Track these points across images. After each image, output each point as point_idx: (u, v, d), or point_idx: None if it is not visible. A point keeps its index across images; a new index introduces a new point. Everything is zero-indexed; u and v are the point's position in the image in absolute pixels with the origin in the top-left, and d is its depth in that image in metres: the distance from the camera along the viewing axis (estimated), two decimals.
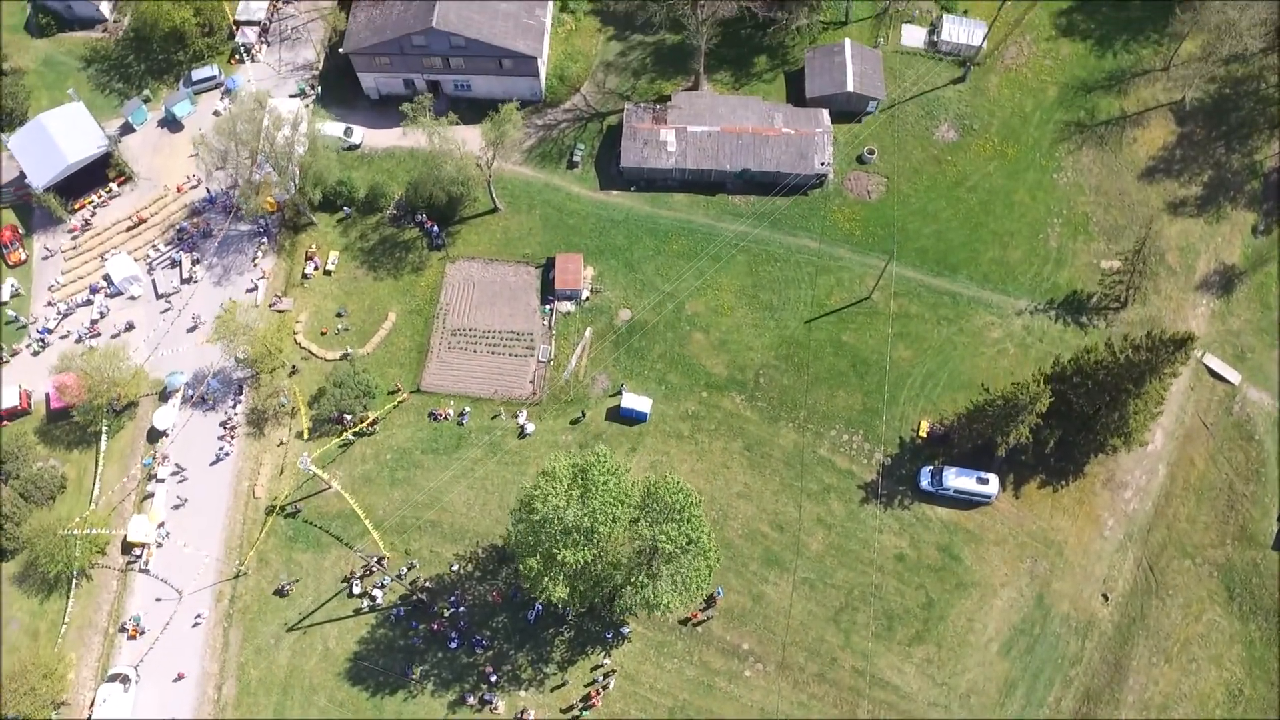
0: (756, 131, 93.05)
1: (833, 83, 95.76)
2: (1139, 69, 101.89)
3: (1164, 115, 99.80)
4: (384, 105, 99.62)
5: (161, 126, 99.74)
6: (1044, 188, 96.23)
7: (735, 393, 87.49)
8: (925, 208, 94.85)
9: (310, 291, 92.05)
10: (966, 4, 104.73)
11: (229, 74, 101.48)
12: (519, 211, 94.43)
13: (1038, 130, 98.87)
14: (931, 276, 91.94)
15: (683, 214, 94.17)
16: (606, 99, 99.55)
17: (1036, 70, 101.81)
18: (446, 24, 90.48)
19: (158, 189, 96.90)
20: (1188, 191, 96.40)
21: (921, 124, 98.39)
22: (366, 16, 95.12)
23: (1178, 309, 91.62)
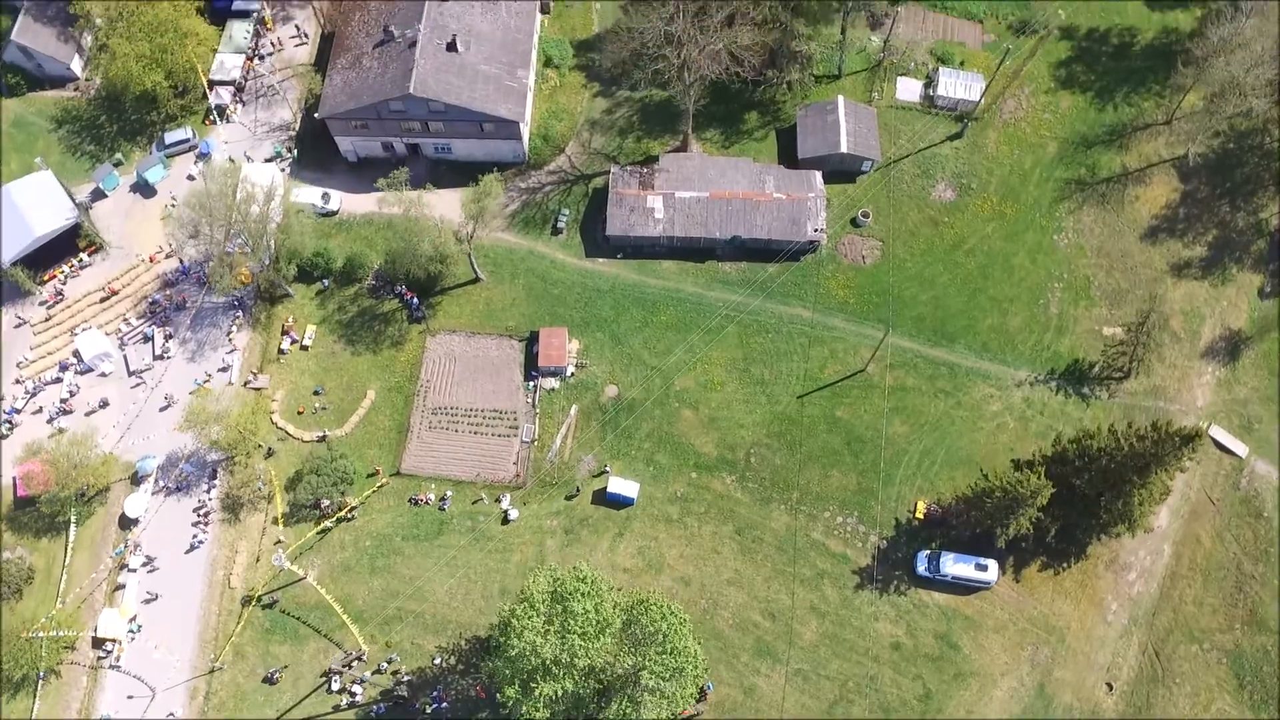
0: (747, 197, 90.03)
1: (826, 143, 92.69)
2: (1140, 122, 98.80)
3: (1167, 171, 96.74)
4: (362, 168, 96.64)
5: (134, 192, 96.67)
6: (1044, 250, 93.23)
7: (726, 473, 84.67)
8: (922, 273, 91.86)
9: (287, 367, 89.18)
10: (963, 55, 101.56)
11: (203, 135, 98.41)
12: (502, 281, 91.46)
13: (1037, 189, 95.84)
14: (928, 346, 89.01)
15: (671, 282, 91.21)
16: (592, 160, 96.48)
17: (1036, 125, 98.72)
18: (425, 90, 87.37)
19: (130, 258, 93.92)
20: (1192, 252, 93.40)
21: (918, 183, 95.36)
22: (342, 80, 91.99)
23: (1182, 377, 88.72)
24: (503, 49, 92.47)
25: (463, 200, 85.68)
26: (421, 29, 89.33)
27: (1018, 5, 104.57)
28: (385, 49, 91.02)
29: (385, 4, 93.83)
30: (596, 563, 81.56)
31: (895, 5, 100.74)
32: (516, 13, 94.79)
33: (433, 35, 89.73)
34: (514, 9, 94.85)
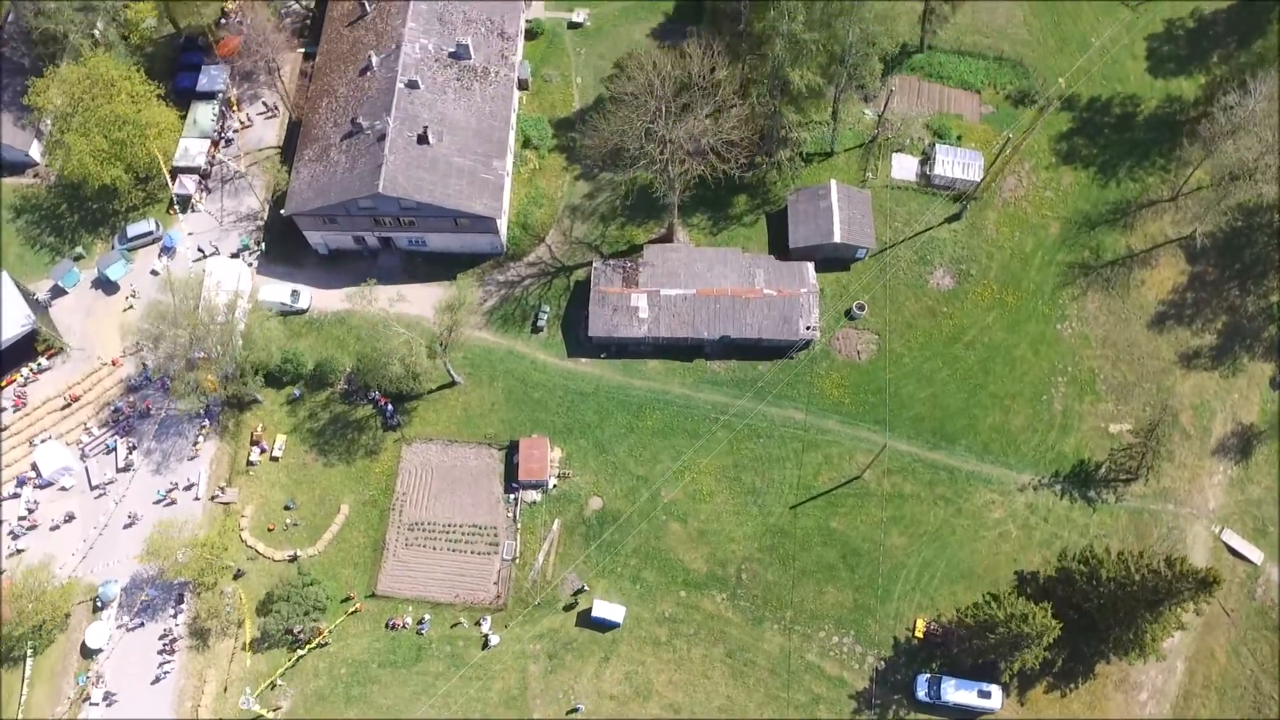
0: (736, 294, 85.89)
1: (818, 231, 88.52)
2: (1145, 199, 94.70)
3: (1173, 253, 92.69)
4: (334, 260, 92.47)
5: (96, 288, 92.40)
6: (1047, 341, 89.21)
7: (716, 591, 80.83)
8: (920, 368, 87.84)
9: (256, 480, 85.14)
10: (960, 128, 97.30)
11: (168, 226, 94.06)
12: (480, 384, 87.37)
13: (1039, 274, 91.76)
14: (927, 449, 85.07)
15: (658, 384, 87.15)
16: (573, 250, 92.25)
17: (1037, 204, 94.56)
18: (394, 188, 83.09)
19: (91, 361, 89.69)
20: (1201, 340, 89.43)
21: (915, 270, 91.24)
22: (309, 173, 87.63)
23: (1193, 478, 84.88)
24: (478, 138, 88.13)
25: (436, 308, 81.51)
26: (391, 121, 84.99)
27: (1017, 74, 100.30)
28: (354, 140, 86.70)
29: (354, 91, 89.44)
30: (581, 690, 77.92)
31: (888, 76, 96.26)
32: (492, 97, 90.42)
33: (403, 127, 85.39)
34: (489, 93, 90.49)
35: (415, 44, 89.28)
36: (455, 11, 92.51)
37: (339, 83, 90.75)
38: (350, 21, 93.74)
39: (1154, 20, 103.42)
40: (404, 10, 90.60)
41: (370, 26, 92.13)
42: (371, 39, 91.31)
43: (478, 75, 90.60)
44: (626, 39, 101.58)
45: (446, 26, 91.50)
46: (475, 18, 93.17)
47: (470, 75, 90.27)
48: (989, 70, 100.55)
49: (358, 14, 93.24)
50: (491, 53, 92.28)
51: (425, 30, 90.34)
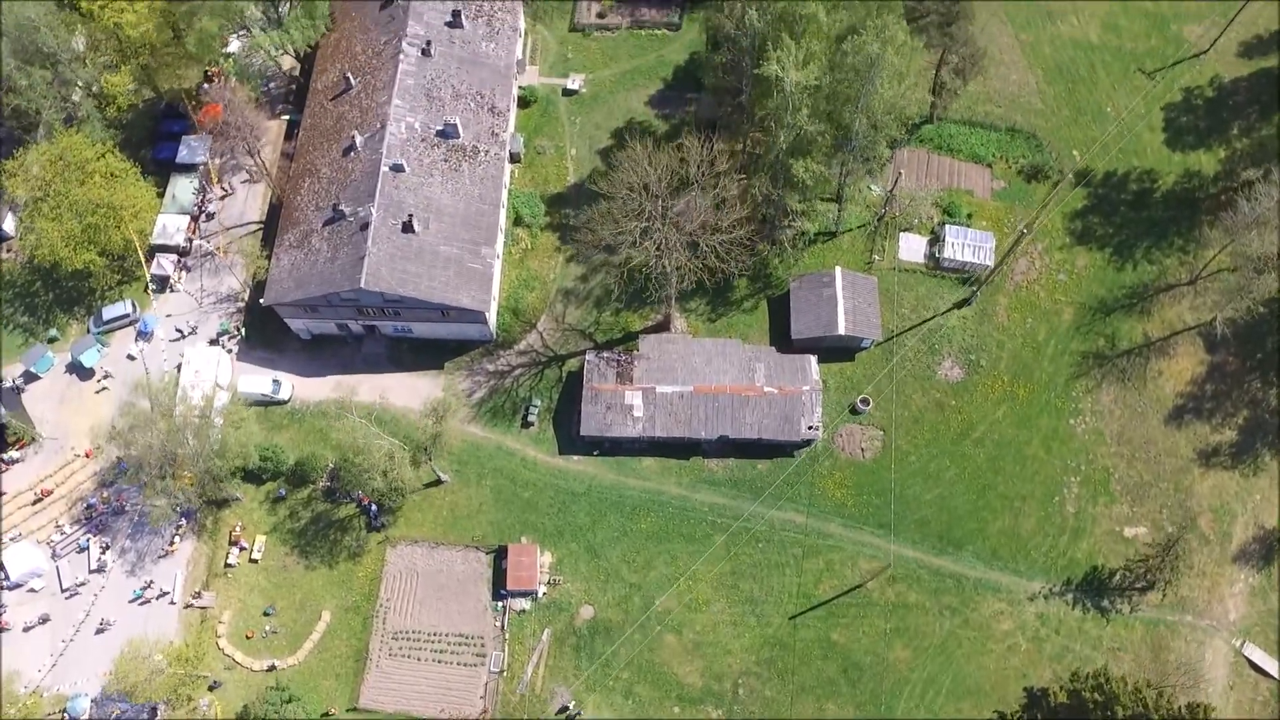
0: (735, 391, 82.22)
1: (821, 322, 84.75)
2: (1163, 283, 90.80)
3: (1192, 341, 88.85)
4: (316, 346, 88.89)
5: (70, 372, 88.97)
6: (1060, 437, 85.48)
7: (711, 706, 77.46)
8: (926, 467, 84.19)
9: (235, 583, 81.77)
10: (971, 205, 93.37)
11: (145, 307, 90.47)
12: (467, 483, 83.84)
13: (1052, 364, 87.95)
14: (933, 555, 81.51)
15: (653, 484, 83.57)
16: (566, 337, 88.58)
17: (1050, 288, 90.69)
18: (377, 282, 79.45)
19: (64, 452, 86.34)
20: (1221, 437, 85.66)
21: (922, 360, 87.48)
22: (290, 261, 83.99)
23: (1212, 587, 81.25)
24: (465, 224, 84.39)
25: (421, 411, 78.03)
26: (375, 209, 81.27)
27: (1030, 147, 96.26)
28: (336, 228, 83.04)
29: (337, 172, 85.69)
30: None
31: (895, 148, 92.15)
32: (482, 178, 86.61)
33: (387, 215, 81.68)
34: (479, 173, 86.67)
35: (401, 123, 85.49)
36: (444, 86, 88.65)
37: (322, 162, 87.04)
38: (334, 95, 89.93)
39: (1172, 89, 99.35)
40: (389, 86, 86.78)
41: (355, 102, 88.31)
42: (356, 115, 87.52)
43: (466, 155, 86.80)
44: (624, 107, 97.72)
45: (434, 103, 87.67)
46: (465, 92, 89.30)
47: (459, 155, 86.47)
48: (1001, 143, 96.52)
49: (342, 88, 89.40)
50: (481, 130, 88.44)
51: (411, 108, 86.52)
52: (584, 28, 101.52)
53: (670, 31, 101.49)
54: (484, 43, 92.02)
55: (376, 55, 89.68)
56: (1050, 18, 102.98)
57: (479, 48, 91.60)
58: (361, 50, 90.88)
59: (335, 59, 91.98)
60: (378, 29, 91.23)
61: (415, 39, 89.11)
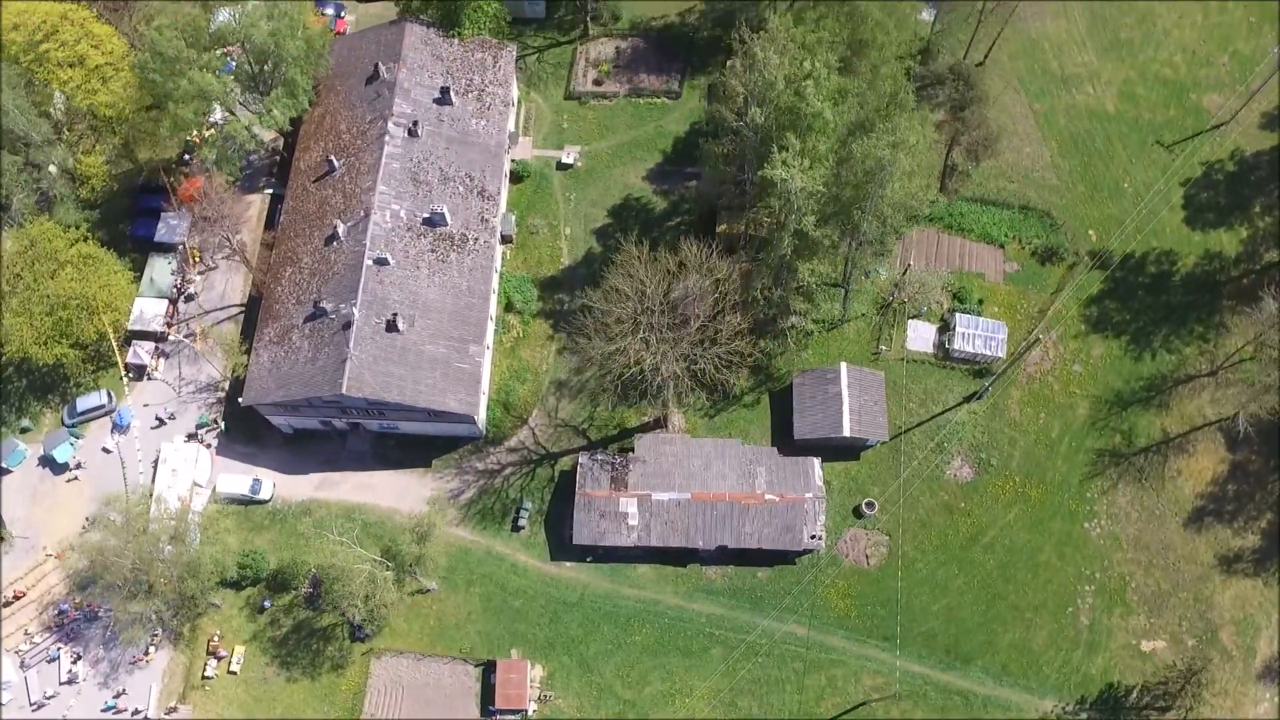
0: (735, 499, 78.58)
1: (826, 423, 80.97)
2: (1182, 373, 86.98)
3: (1212, 438, 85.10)
4: (299, 441, 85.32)
5: (42, 466, 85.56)
6: (1074, 542, 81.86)
7: None
8: (933, 575, 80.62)
9: (213, 696, 78.43)
10: (982, 289, 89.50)
11: (121, 396, 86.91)
12: (455, 589, 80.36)
13: (1066, 463, 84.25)
14: (940, 670, 78.03)
15: (649, 593, 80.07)
16: (559, 434, 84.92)
17: (1064, 380, 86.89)
18: (360, 388, 75.79)
19: (36, 552, 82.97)
20: (1243, 542, 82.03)
21: (931, 459, 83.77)
22: (270, 357, 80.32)
23: (1235, 706, 77.79)
24: (453, 320, 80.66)
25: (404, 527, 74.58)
26: (358, 307, 77.54)
27: (1044, 227, 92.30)
28: (317, 324, 79.34)
29: (319, 262, 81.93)
30: None
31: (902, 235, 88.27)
32: (471, 269, 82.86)
33: (370, 313, 77.97)
34: (467, 263, 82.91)
35: (386, 211, 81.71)
36: (431, 168, 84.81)
37: (303, 250, 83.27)
38: (317, 177, 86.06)
39: (1191, 163, 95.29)
40: (374, 170, 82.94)
41: (338, 186, 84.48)
42: (339, 201, 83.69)
43: (455, 244, 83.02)
44: (620, 183, 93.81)
45: (421, 187, 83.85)
46: (453, 174, 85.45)
47: (446, 244, 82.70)
48: (1014, 222, 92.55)
49: (325, 170, 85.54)
50: (470, 216, 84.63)
51: (397, 194, 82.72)
52: (580, 95, 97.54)
53: (669, 100, 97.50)
54: (474, 120, 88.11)
55: (361, 135, 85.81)
56: (1065, 85, 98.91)
57: (469, 125, 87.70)
58: (346, 128, 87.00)
59: (319, 136, 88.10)
60: (363, 105, 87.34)
61: (401, 118, 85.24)
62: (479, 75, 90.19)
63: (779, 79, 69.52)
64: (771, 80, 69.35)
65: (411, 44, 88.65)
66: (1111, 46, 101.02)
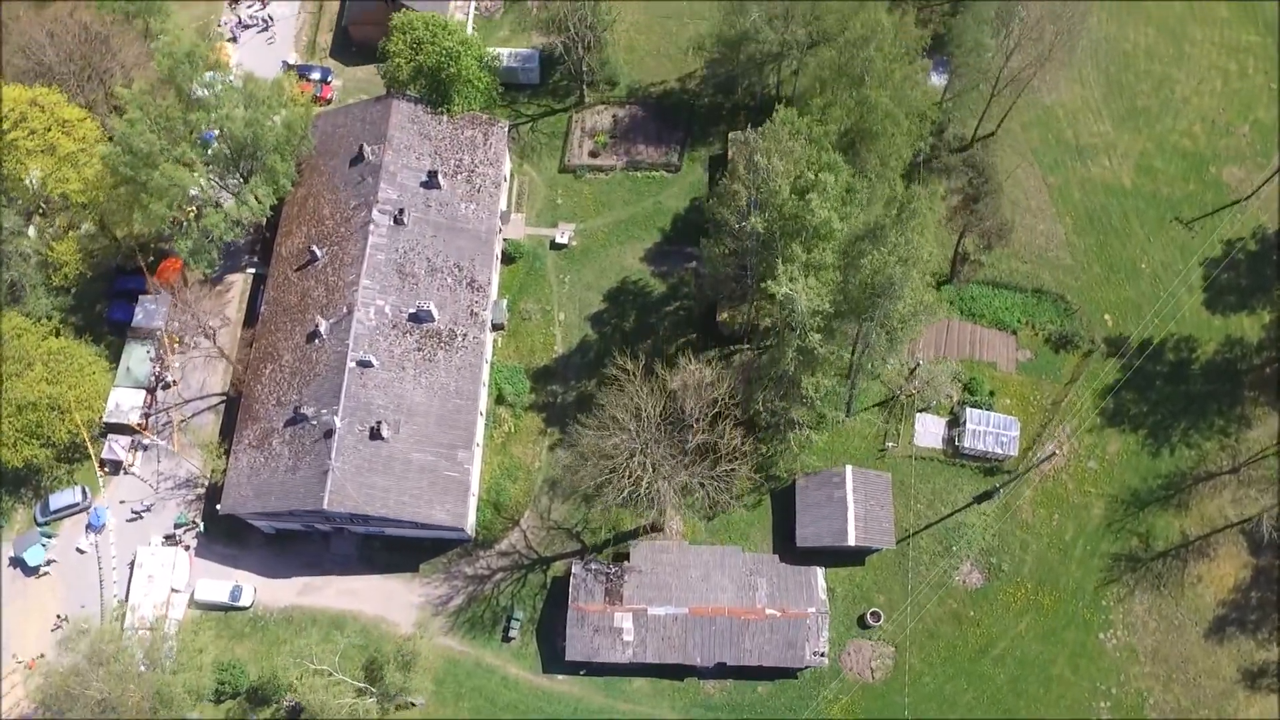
0: (734, 614, 75.13)
1: (830, 530, 77.45)
2: (1203, 470, 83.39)
3: (1234, 541, 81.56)
4: (282, 542, 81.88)
5: (13, 566, 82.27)
6: (1088, 654, 78.42)
7: None
8: (941, 690, 77.22)
9: None
10: (993, 380, 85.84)
11: (96, 491, 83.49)
12: (443, 703, 77.01)
13: (1080, 568, 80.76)
14: None
15: (644, 708, 76.70)
16: (552, 537, 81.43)
17: (1079, 478, 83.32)
18: (342, 502, 72.39)
19: (5, 659, 79.68)
20: (1268, 654, 78.59)
21: (939, 564, 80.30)
22: (249, 464, 76.80)
23: None
24: (440, 425, 77.07)
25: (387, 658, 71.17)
26: (340, 415, 73.96)
27: (1058, 311, 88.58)
28: (298, 430, 75.83)
29: (300, 360, 78.32)
30: None
31: None
32: (459, 368, 79.26)
33: (353, 420, 74.43)
34: (456, 362, 79.29)
35: (370, 307, 78.09)
36: (418, 259, 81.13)
37: (284, 346, 79.67)
38: (299, 266, 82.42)
39: (1210, 240, 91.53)
40: (358, 263, 79.32)
41: (320, 277, 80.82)
42: (321, 294, 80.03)
43: (442, 341, 79.39)
44: (617, 264, 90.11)
45: (407, 280, 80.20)
46: (441, 264, 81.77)
47: (434, 342, 79.07)
48: (1027, 306, 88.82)
49: (307, 259, 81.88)
50: (459, 310, 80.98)
51: (382, 288, 79.06)
52: (575, 169, 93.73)
53: (668, 173, 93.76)
54: (463, 204, 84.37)
55: (345, 221, 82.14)
56: (1080, 157, 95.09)
57: (458, 210, 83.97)
58: (330, 213, 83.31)
59: (301, 220, 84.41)
60: (347, 189, 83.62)
61: (387, 205, 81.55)
62: (469, 154, 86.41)
63: (783, 187, 65.76)
64: (775, 189, 65.57)
65: (398, 123, 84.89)
66: (1128, 115, 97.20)
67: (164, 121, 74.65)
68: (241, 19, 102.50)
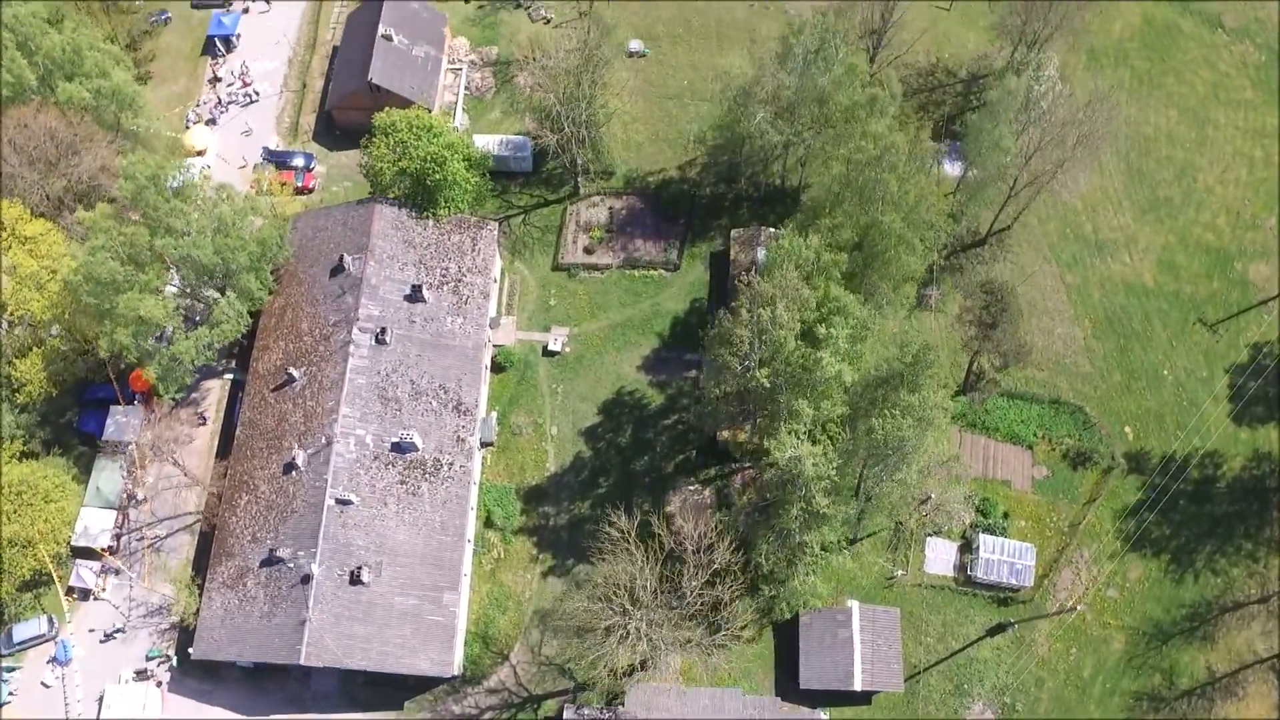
0: None
1: (835, 673, 73.34)
2: (1229, 599, 79.40)
3: (1264, 678, 77.60)
4: (259, 676, 77.48)
5: None
6: None
7: None
8: None
9: None
10: (1008, 500, 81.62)
11: (64, 620, 79.32)
12: None
13: (1100, 708, 76.77)
14: None
15: None
16: (543, 674, 77.23)
17: (1098, 608, 79.19)
18: (320, 655, 68.43)
19: None
20: None
21: (949, 703, 76.25)
22: (222, 604, 72.62)
23: None
24: (425, 564, 72.87)
25: None
26: (318, 559, 69.81)
27: (1076, 424, 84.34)
28: (274, 571, 71.63)
29: (277, 493, 74.07)
30: None
31: None
32: (444, 501, 75.01)
33: (332, 564, 70.27)
34: (441, 495, 75.05)
35: (350, 438, 73.80)
36: (401, 381, 76.82)
37: (260, 476, 75.43)
38: (276, 386, 78.08)
39: (1237, 344, 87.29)
40: (338, 387, 75.00)
41: (298, 401, 76.48)
42: (299, 419, 75.72)
43: (427, 472, 75.13)
44: (613, 372, 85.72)
45: (390, 406, 75.85)
46: (426, 387, 77.45)
47: (418, 474, 74.82)
48: (1043, 418, 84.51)
49: (284, 380, 77.53)
50: (445, 437, 76.68)
51: (363, 415, 74.74)
52: (569, 267, 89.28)
53: (667, 271, 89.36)
54: (450, 318, 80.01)
55: (324, 340, 77.77)
56: (1100, 253, 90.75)
57: (444, 325, 79.60)
58: (308, 328, 78.93)
59: (279, 333, 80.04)
60: (327, 301, 79.23)
61: (368, 323, 77.20)
62: (456, 262, 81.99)
63: (789, 340, 61.35)
64: (780, 341, 61.17)
65: (380, 230, 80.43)
66: (1150, 207, 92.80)
67: (128, 249, 70.09)
68: (221, 99, 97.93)
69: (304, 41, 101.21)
